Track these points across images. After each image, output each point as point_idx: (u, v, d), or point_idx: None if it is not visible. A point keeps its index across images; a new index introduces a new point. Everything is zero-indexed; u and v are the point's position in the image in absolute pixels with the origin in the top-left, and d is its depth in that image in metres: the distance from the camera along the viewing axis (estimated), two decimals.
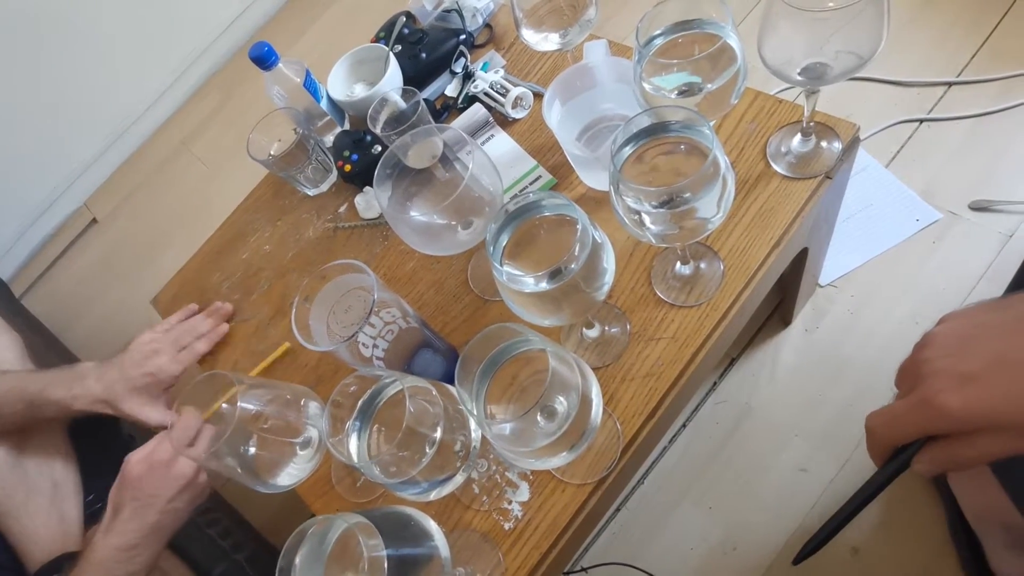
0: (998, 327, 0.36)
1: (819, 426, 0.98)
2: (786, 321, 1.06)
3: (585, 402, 0.47)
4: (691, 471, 1.02)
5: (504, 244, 0.51)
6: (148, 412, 0.77)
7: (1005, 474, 0.69)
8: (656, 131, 0.50)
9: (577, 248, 0.48)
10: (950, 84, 1.16)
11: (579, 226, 0.48)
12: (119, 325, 1.69)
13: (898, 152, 1.14)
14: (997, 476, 0.69)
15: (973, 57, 1.17)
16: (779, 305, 1.06)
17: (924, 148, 1.13)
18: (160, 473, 0.64)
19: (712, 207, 0.50)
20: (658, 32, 0.56)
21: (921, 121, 1.15)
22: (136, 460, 0.65)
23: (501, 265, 0.49)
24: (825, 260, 1.01)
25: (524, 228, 0.52)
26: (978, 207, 1.04)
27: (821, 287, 1.07)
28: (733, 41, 0.54)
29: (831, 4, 0.51)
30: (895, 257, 1.06)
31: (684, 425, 1.05)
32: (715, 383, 1.06)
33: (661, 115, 0.51)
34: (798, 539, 0.92)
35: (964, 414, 0.34)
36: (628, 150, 0.51)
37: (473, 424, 0.51)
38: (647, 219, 0.51)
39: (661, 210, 0.50)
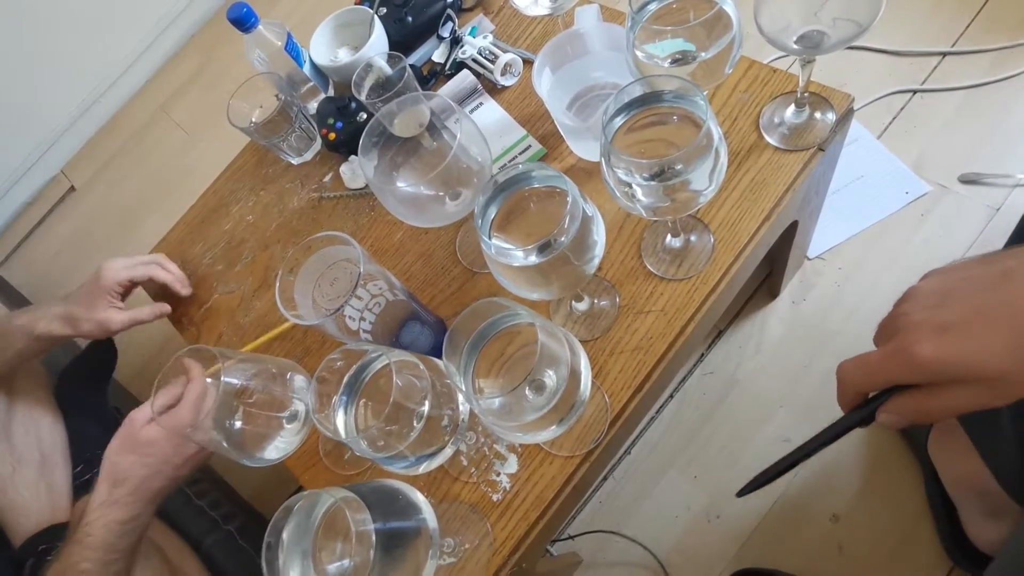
0: (979, 280, 0.36)
1: (804, 398, 1.00)
2: (774, 293, 1.06)
3: (574, 376, 0.47)
4: (677, 441, 1.03)
5: (493, 216, 0.50)
6: (112, 314, 0.74)
7: (982, 442, 0.70)
8: (649, 101, 0.49)
9: (567, 221, 0.47)
10: (944, 54, 1.15)
11: (569, 198, 0.47)
12: None
13: (890, 123, 1.13)
14: (975, 444, 0.71)
15: (968, 27, 1.16)
16: (767, 278, 1.06)
17: (916, 119, 1.12)
18: (177, 440, 0.60)
19: (704, 180, 0.49)
20: None
21: (914, 92, 1.14)
22: (147, 421, 0.60)
23: (489, 238, 0.48)
24: (814, 232, 1.01)
25: (513, 200, 0.50)
26: (967, 180, 1.04)
27: (809, 260, 1.07)
28: (729, 7, 0.53)
29: None
30: (883, 230, 1.06)
31: (671, 395, 1.06)
32: (702, 354, 1.07)
33: (654, 84, 0.49)
34: (780, 507, 0.94)
35: (937, 364, 0.34)
36: (620, 120, 0.49)
37: (461, 397, 0.50)
38: (638, 191, 0.50)
39: (652, 183, 0.49)
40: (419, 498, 0.48)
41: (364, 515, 0.40)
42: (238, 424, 0.54)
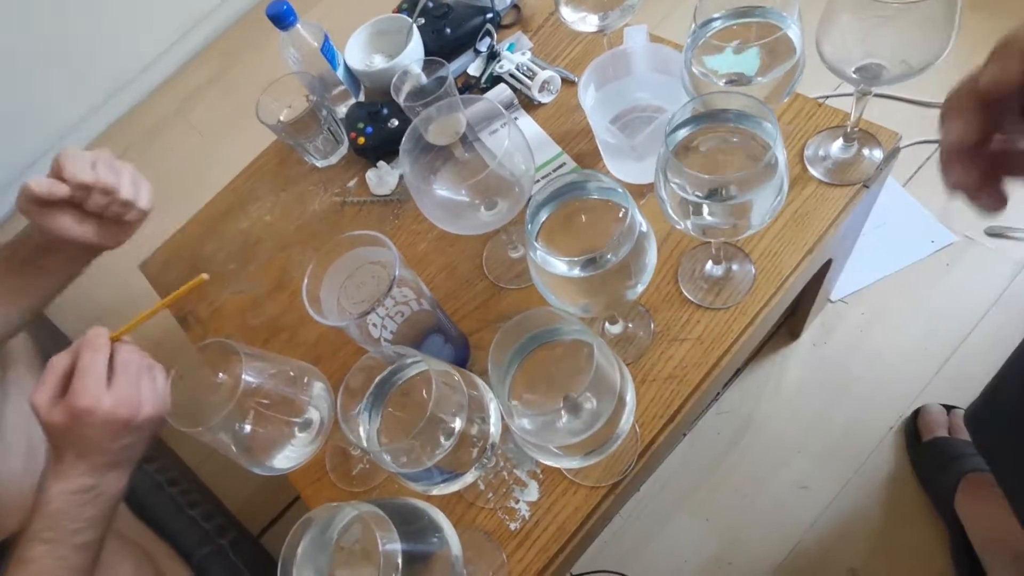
0: None
1: (821, 443, 0.97)
2: (795, 334, 1.04)
3: (620, 404, 0.44)
4: (689, 481, 0.99)
5: (543, 221, 0.48)
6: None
7: (1017, 499, 0.67)
8: (714, 118, 0.47)
9: (621, 237, 0.44)
10: None
11: (625, 213, 0.45)
12: (103, 288, 1.62)
13: (916, 172, 1.12)
14: (1009, 500, 0.68)
15: None
16: (788, 317, 1.04)
17: None
18: (87, 421, 0.50)
19: (764, 205, 0.47)
20: (717, 16, 0.53)
21: None
22: (47, 405, 0.51)
23: (537, 243, 0.46)
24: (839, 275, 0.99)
25: (565, 208, 0.48)
26: (994, 233, 1.03)
27: (832, 302, 1.05)
28: (794, 33, 0.51)
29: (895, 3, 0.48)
30: (908, 277, 1.04)
31: (684, 434, 1.02)
32: (719, 393, 1.04)
33: (715, 103, 0.48)
34: (795, 557, 0.90)
35: None
36: (683, 133, 0.48)
37: (492, 417, 0.47)
38: (691, 208, 0.48)
39: (707, 201, 0.47)
40: (443, 520, 0.44)
41: (391, 533, 0.36)
42: (248, 427, 0.51)
